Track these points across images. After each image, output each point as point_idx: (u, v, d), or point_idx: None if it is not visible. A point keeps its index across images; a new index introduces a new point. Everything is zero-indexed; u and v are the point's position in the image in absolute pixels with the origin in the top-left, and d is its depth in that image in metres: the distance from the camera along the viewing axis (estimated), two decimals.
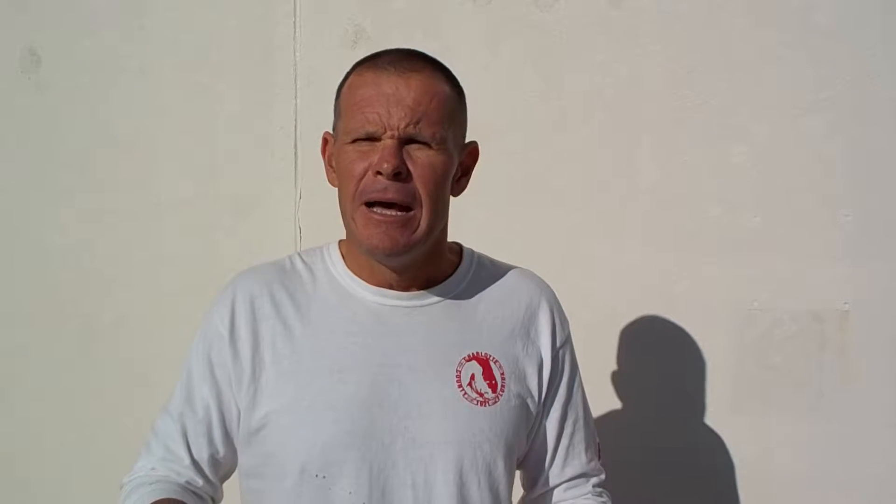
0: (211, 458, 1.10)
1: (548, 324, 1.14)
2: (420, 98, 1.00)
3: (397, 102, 1.00)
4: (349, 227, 1.06)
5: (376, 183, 1.00)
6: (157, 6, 2.06)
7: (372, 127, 1.00)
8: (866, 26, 1.62)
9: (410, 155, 1.01)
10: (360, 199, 1.02)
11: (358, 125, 1.01)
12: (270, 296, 1.08)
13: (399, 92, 1.00)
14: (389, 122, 1.00)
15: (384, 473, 1.02)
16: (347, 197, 1.04)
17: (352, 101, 1.03)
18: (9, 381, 2.23)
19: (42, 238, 2.18)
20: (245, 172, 2.02)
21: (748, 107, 1.69)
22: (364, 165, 1.01)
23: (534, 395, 1.11)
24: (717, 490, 1.75)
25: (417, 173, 1.01)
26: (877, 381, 1.66)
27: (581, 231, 1.80)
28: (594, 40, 1.77)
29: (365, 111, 1.01)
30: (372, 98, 1.01)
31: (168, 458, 1.09)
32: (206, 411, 1.08)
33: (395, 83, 1.00)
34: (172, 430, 1.10)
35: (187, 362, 1.11)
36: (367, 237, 1.02)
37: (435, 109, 1.02)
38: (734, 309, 1.72)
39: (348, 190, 1.03)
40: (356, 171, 1.02)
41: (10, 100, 2.18)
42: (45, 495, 2.22)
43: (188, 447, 1.09)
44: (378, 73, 1.02)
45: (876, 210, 1.64)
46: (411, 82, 1.01)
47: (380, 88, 1.01)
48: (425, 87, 1.01)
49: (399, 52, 1.06)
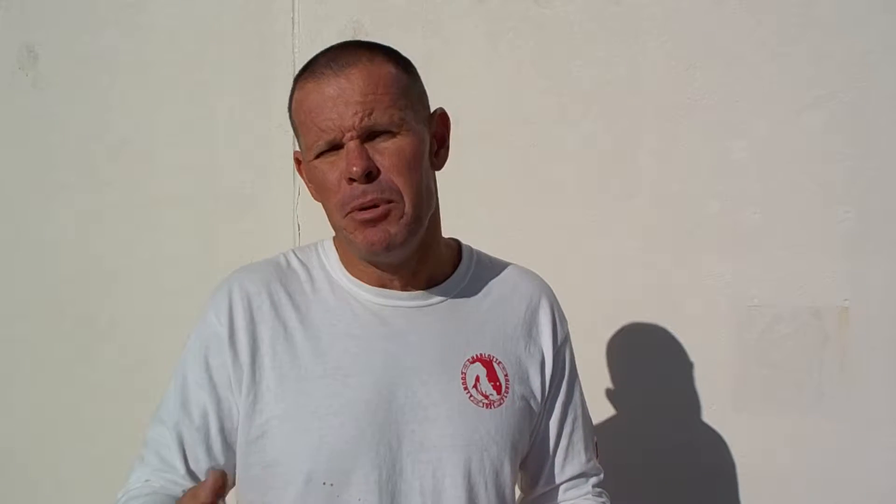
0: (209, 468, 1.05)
1: (548, 322, 1.13)
2: (365, 88, 0.97)
3: (345, 102, 0.96)
4: (344, 238, 1.04)
5: (353, 190, 0.98)
6: (155, 3, 2.05)
7: (329, 135, 0.98)
8: (867, 22, 1.62)
9: (376, 148, 0.98)
10: (344, 211, 1.00)
11: (315, 138, 0.99)
12: (269, 296, 1.04)
13: (343, 91, 0.97)
14: (343, 124, 0.97)
15: (392, 479, 1.00)
16: (332, 212, 1.02)
17: (302, 116, 1.00)
18: (8, 380, 2.23)
19: (41, 236, 2.18)
20: (244, 170, 2.02)
21: (748, 103, 1.69)
22: (336, 176, 0.99)
23: (536, 395, 1.10)
24: (717, 487, 1.75)
25: (388, 164, 0.98)
26: (877, 377, 1.66)
27: (581, 227, 1.79)
28: (594, 36, 1.77)
29: (317, 122, 0.98)
30: (319, 106, 0.98)
31: (163, 468, 1.04)
32: (204, 419, 1.03)
33: (336, 83, 0.97)
34: (168, 439, 1.04)
35: (181, 366, 1.06)
36: (362, 240, 1.00)
37: (384, 94, 0.98)
38: (734, 306, 1.72)
39: (331, 204, 1.01)
40: (331, 185, 1.00)
41: (8, 97, 2.17)
42: (45, 494, 2.21)
43: (184, 457, 1.03)
44: (318, 80, 0.98)
45: (876, 207, 1.64)
46: (352, 77, 0.97)
47: (323, 94, 0.97)
48: (367, 76, 0.97)
49: (331, 50, 1.02)
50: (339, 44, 1.04)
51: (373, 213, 0.98)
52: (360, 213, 0.99)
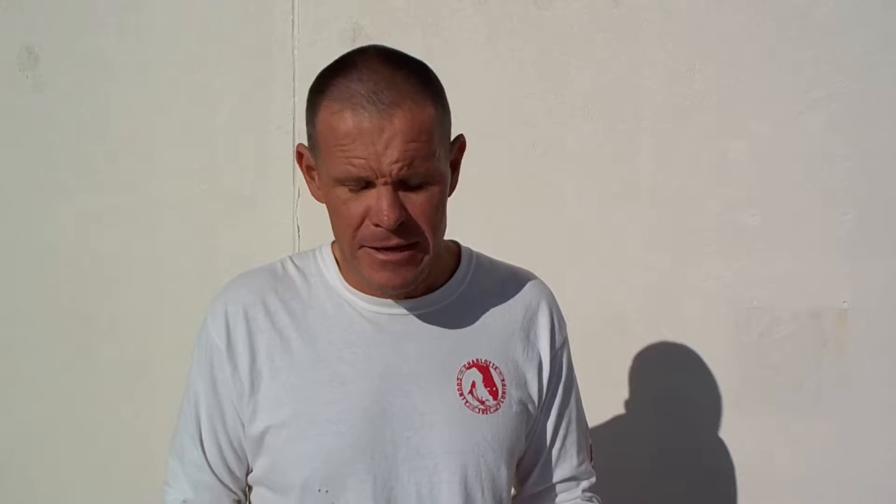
0: (232, 476, 1.08)
1: (547, 326, 1.12)
2: (408, 136, 0.90)
3: (384, 144, 0.90)
4: (350, 261, 1.01)
5: (377, 233, 0.94)
6: (154, 5, 2.05)
7: (360, 173, 0.91)
8: (866, 24, 1.62)
9: (408, 197, 0.94)
10: (359, 244, 0.96)
11: (343, 170, 0.92)
12: (264, 305, 1.04)
13: (383, 131, 0.90)
14: (380, 168, 0.91)
15: (388, 485, 1.00)
16: (344, 238, 0.98)
17: (331, 140, 0.93)
18: (8, 381, 2.22)
19: (41, 237, 2.18)
20: (243, 171, 2.02)
21: (748, 104, 1.69)
22: (359, 211, 0.94)
23: (534, 399, 1.10)
24: (716, 488, 1.76)
25: (418, 212, 0.95)
26: (876, 379, 1.66)
27: (581, 229, 1.79)
28: (594, 38, 1.77)
29: (348, 154, 0.91)
30: (353, 140, 0.90)
31: (198, 485, 1.07)
32: (214, 433, 1.06)
33: (377, 123, 0.90)
34: (194, 455, 1.07)
35: (191, 382, 1.08)
36: (376, 278, 0.98)
37: (426, 142, 0.92)
38: (734, 307, 1.72)
39: (344, 232, 0.97)
40: (352, 218, 0.95)
41: (8, 99, 2.17)
42: (45, 495, 2.21)
43: (212, 470, 1.06)
44: (355, 111, 0.90)
45: (875, 208, 1.64)
46: (395, 119, 0.90)
47: (360, 128, 0.90)
48: (411, 122, 0.91)
49: (372, 74, 0.92)
50: (376, 62, 0.94)
51: (395, 256, 0.96)
52: (380, 254, 0.96)
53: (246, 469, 1.08)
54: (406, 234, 0.95)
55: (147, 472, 2.03)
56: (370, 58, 0.95)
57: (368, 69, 0.93)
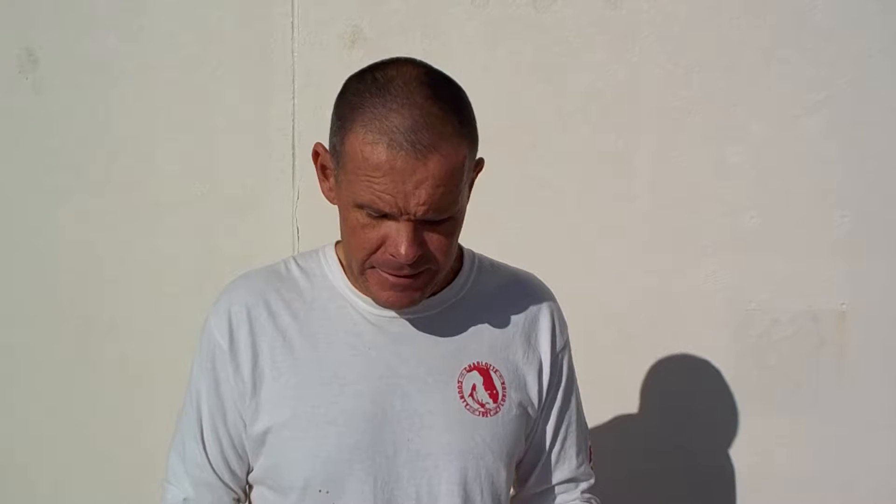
0: (233, 475, 1.09)
1: (548, 329, 1.13)
2: (439, 180, 0.90)
3: (415, 185, 0.89)
4: (356, 275, 1.01)
5: (391, 261, 0.94)
6: (155, 6, 2.06)
7: (384, 206, 0.91)
8: (864, 27, 1.62)
9: (428, 231, 0.94)
10: (371, 264, 0.97)
11: (367, 201, 0.91)
12: (266, 306, 1.04)
13: (416, 175, 0.88)
14: (406, 207, 0.90)
15: (388, 486, 1.01)
16: (355, 256, 0.98)
17: (360, 167, 0.91)
18: (8, 381, 2.23)
19: (41, 238, 2.18)
20: (243, 173, 2.02)
21: (746, 107, 1.69)
22: (377, 237, 0.94)
23: (533, 402, 1.10)
24: (715, 489, 1.76)
25: (434, 245, 0.95)
26: (874, 381, 1.66)
27: (580, 231, 1.80)
28: (592, 41, 1.77)
29: (375, 186, 0.90)
30: (384, 174, 0.89)
31: (199, 483, 1.07)
32: (215, 432, 1.06)
33: (412, 165, 0.88)
34: (196, 453, 1.07)
35: (193, 381, 1.08)
36: (383, 298, 0.99)
37: (454, 185, 0.92)
38: (732, 309, 1.72)
39: (357, 252, 0.97)
40: (368, 242, 0.95)
41: (8, 100, 2.17)
42: (45, 495, 2.22)
43: (213, 469, 1.07)
44: (391, 147, 0.88)
45: (874, 210, 1.65)
46: (429, 163, 0.89)
47: (393, 166, 0.88)
48: (444, 166, 0.90)
49: (412, 109, 0.89)
50: (419, 93, 0.91)
51: (405, 281, 0.97)
52: (391, 277, 0.96)
53: (247, 468, 1.09)
54: (420, 263, 0.95)
55: (146, 472, 2.04)
56: (410, 84, 0.92)
57: (409, 101, 0.90)
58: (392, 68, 0.94)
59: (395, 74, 0.93)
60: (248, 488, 1.13)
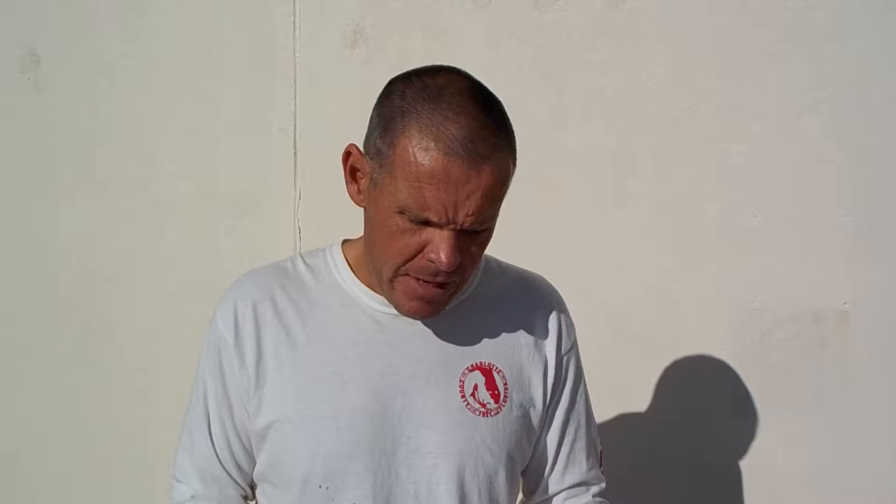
0: (240, 470, 1.09)
1: (554, 331, 1.13)
2: (489, 191, 0.91)
3: (466, 196, 0.90)
4: (383, 283, 1.01)
5: (429, 267, 0.95)
6: (156, 7, 2.06)
7: (432, 215, 0.92)
8: (866, 26, 1.62)
9: (466, 242, 0.96)
10: (405, 272, 0.97)
11: (416, 207, 0.92)
12: (272, 301, 1.05)
13: (468, 182, 0.90)
14: (455, 217, 0.91)
15: (388, 483, 1.01)
16: (388, 262, 0.98)
17: (412, 172, 0.91)
18: (9, 381, 2.23)
19: (42, 238, 2.18)
20: (245, 173, 2.02)
21: (748, 107, 1.69)
22: (416, 243, 0.94)
23: (537, 404, 1.10)
24: (716, 489, 1.76)
25: (470, 254, 0.97)
26: (876, 381, 1.66)
27: (581, 231, 1.80)
28: (594, 41, 1.77)
29: (426, 193, 0.90)
30: (437, 182, 0.90)
31: (207, 477, 1.08)
32: (223, 425, 1.07)
33: (466, 173, 0.89)
34: (203, 447, 1.08)
35: (199, 375, 1.09)
36: (408, 307, 1.00)
37: (499, 198, 0.95)
38: (734, 309, 1.72)
39: (392, 258, 0.97)
40: (407, 248, 0.95)
41: (10, 100, 2.18)
42: (45, 495, 2.22)
43: (221, 463, 1.08)
44: (447, 155, 0.89)
45: (875, 210, 1.64)
46: (483, 173, 0.90)
47: (448, 174, 0.89)
48: (496, 178, 0.92)
49: (469, 119, 0.91)
50: (472, 104, 0.92)
51: (433, 291, 0.98)
52: (421, 287, 0.97)
53: (253, 464, 1.09)
54: (454, 273, 0.97)
55: (147, 472, 2.04)
56: (464, 93, 0.93)
57: (464, 110, 0.91)
58: (442, 77, 0.96)
59: (446, 83, 0.94)
60: (254, 485, 1.13)
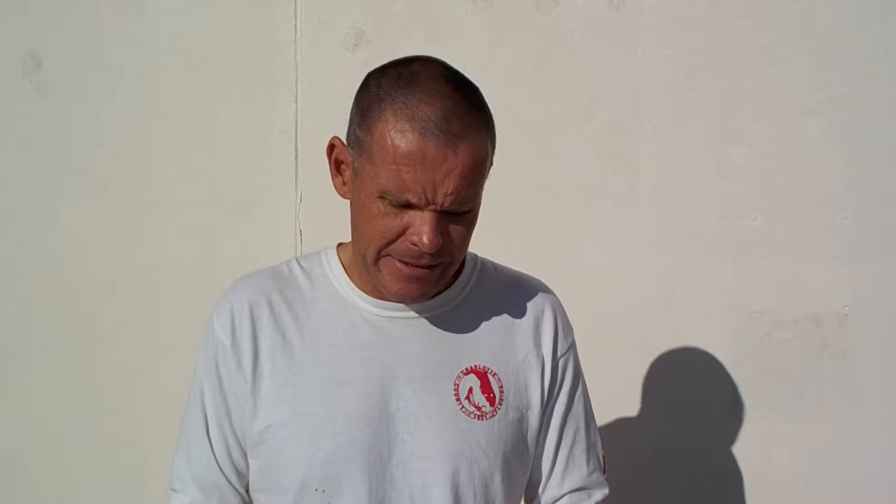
0: (238, 475, 1.09)
1: (550, 333, 1.12)
2: (465, 170, 0.92)
3: (444, 175, 0.91)
4: (368, 266, 1.01)
5: (411, 250, 0.95)
6: (158, 9, 2.06)
7: (412, 196, 0.92)
8: (866, 28, 1.62)
9: (449, 223, 0.96)
10: (387, 253, 0.97)
11: (395, 190, 0.92)
12: (269, 305, 1.05)
13: (445, 162, 0.91)
14: (434, 198, 0.92)
15: (383, 487, 1.01)
16: (370, 245, 0.98)
17: (389, 156, 0.92)
18: (9, 381, 2.23)
19: (43, 240, 2.19)
20: (246, 175, 2.03)
21: (748, 108, 1.69)
22: (398, 227, 0.95)
23: (534, 407, 1.09)
24: (715, 491, 1.75)
25: (454, 236, 0.97)
26: (876, 383, 1.66)
27: (581, 232, 1.80)
28: (594, 43, 1.78)
29: (403, 175, 0.91)
30: (413, 163, 0.90)
31: (206, 484, 1.07)
32: (221, 429, 1.06)
33: (441, 152, 0.90)
34: (201, 452, 1.07)
35: (197, 379, 1.09)
36: (395, 288, 1.00)
37: (478, 178, 0.95)
38: (734, 311, 1.72)
39: (373, 241, 0.97)
40: (388, 232, 0.95)
41: (11, 103, 2.19)
42: (46, 495, 2.22)
43: (220, 468, 1.07)
44: (423, 136, 0.90)
45: (876, 212, 1.64)
46: (458, 152, 0.91)
47: (424, 154, 0.90)
48: (472, 156, 0.93)
49: (442, 99, 0.92)
50: (446, 85, 0.94)
51: (419, 272, 0.98)
52: (406, 268, 0.97)
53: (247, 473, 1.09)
54: (438, 255, 0.97)
55: (147, 473, 2.04)
56: (437, 77, 0.95)
57: (438, 92, 0.93)
58: (416, 64, 0.97)
59: (421, 69, 0.96)
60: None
